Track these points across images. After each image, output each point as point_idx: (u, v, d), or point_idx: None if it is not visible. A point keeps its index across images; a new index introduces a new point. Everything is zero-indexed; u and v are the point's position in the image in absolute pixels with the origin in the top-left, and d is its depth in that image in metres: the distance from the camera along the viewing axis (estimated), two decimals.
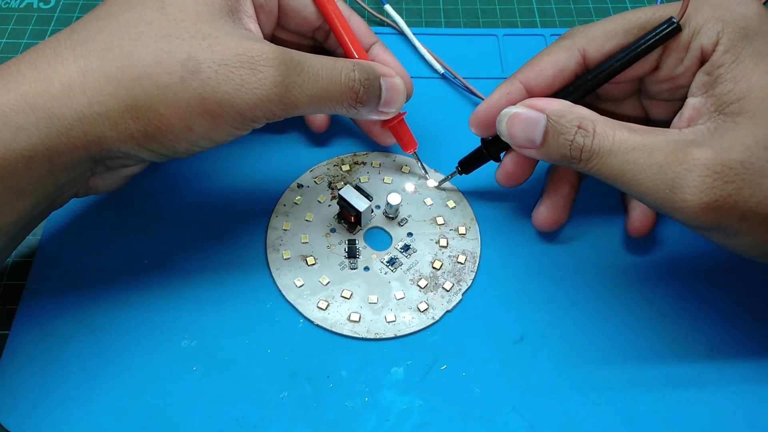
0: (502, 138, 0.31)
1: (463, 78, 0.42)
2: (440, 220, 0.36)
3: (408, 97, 0.35)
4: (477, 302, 0.34)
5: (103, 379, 0.31)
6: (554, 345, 0.33)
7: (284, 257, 0.35)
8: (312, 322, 0.33)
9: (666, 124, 0.30)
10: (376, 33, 0.47)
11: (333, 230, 0.36)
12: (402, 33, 0.46)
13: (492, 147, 0.34)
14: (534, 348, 0.33)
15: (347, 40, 0.34)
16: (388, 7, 0.46)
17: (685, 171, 0.26)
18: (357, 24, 0.36)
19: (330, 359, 0.32)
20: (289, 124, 0.40)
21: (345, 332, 0.33)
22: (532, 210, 0.35)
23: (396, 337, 0.33)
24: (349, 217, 0.35)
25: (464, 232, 0.36)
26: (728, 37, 0.27)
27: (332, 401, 0.31)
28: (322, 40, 0.37)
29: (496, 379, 0.32)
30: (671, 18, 0.29)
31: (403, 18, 0.46)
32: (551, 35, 0.46)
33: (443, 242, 0.36)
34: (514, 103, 0.31)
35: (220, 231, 0.36)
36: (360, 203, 0.34)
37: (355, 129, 0.40)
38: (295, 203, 0.37)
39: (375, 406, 0.31)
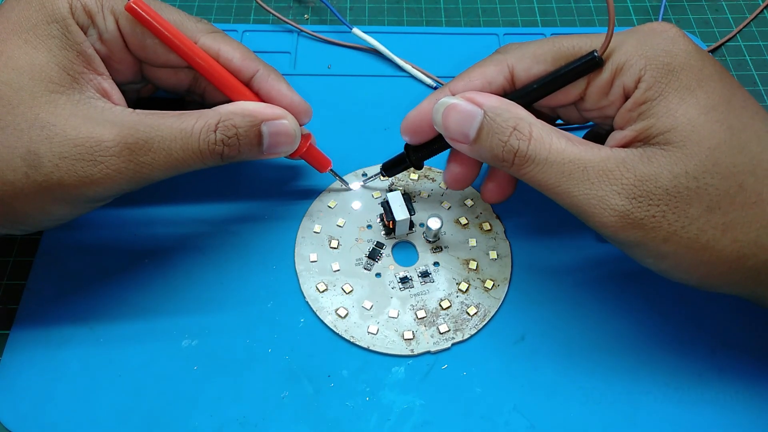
0: (437, 129, 0.30)
1: None
2: (473, 265, 0.35)
3: (304, 124, 0.34)
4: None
5: (104, 378, 0.31)
6: (555, 344, 0.33)
7: (314, 230, 0.36)
8: (303, 296, 0.34)
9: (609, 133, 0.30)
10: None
11: (369, 227, 0.36)
12: (379, 53, 0.44)
13: (414, 154, 0.34)
14: (535, 347, 0.33)
15: (221, 85, 0.31)
16: (356, 31, 0.44)
17: (614, 192, 0.26)
18: (231, 54, 0.31)
19: (331, 359, 0.32)
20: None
21: (326, 321, 0.33)
22: (480, 186, 0.34)
23: (367, 349, 0.32)
24: (388, 222, 0.35)
25: (489, 288, 0.34)
26: (651, 74, 0.27)
27: (333, 401, 0.31)
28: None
29: (497, 379, 0.32)
30: (593, 52, 0.28)
31: (404, 18, 0.45)
32: (552, 34, 0.46)
33: (463, 287, 0.34)
34: None
35: (222, 230, 0.36)
36: (399, 212, 0.34)
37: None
38: (352, 188, 0.38)
39: (376, 405, 0.31)
